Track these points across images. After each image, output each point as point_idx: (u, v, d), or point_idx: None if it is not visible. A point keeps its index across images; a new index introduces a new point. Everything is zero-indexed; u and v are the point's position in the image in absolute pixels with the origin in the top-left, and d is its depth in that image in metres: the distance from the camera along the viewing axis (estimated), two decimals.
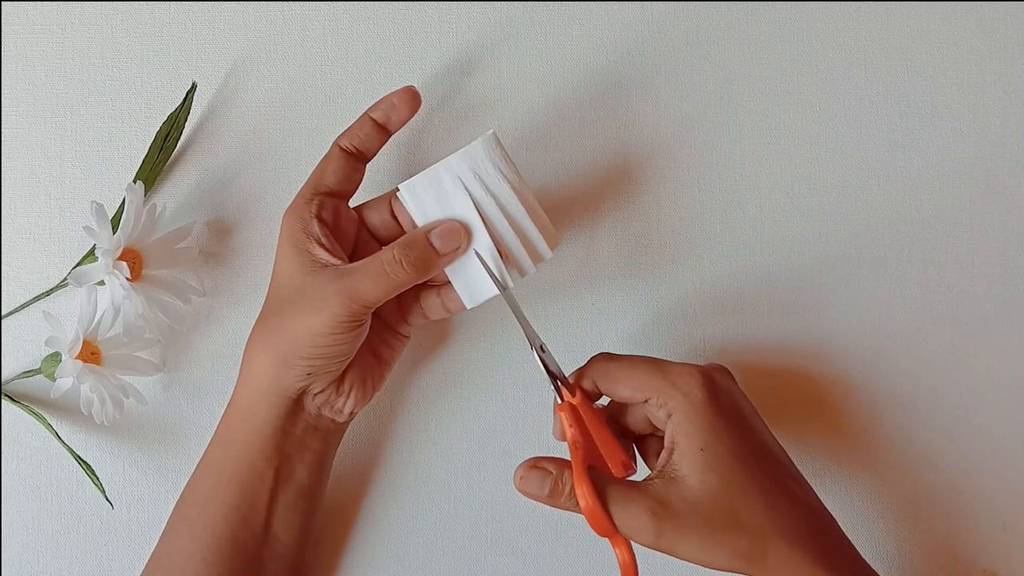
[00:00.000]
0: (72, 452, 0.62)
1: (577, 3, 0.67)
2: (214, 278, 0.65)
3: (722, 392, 0.56)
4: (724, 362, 0.60)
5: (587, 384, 0.58)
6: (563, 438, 0.57)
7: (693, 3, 0.67)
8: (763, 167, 0.67)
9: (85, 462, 0.62)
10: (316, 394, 0.58)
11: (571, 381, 0.58)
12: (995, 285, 0.67)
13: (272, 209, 0.65)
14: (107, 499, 0.63)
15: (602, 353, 0.59)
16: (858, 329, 0.66)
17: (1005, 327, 0.66)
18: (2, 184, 0.65)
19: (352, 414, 0.60)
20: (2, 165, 0.65)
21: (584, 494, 0.54)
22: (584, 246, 0.66)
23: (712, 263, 0.66)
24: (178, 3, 0.66)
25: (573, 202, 0.66)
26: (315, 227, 0.58)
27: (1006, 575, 0.66)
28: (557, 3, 0.67)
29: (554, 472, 0.55)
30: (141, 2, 0.66)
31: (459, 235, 0.57)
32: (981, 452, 0.66)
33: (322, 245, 0.58)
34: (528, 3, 0.66)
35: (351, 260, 0.58)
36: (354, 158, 0.60)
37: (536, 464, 0.56)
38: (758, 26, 0.67)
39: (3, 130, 0.65)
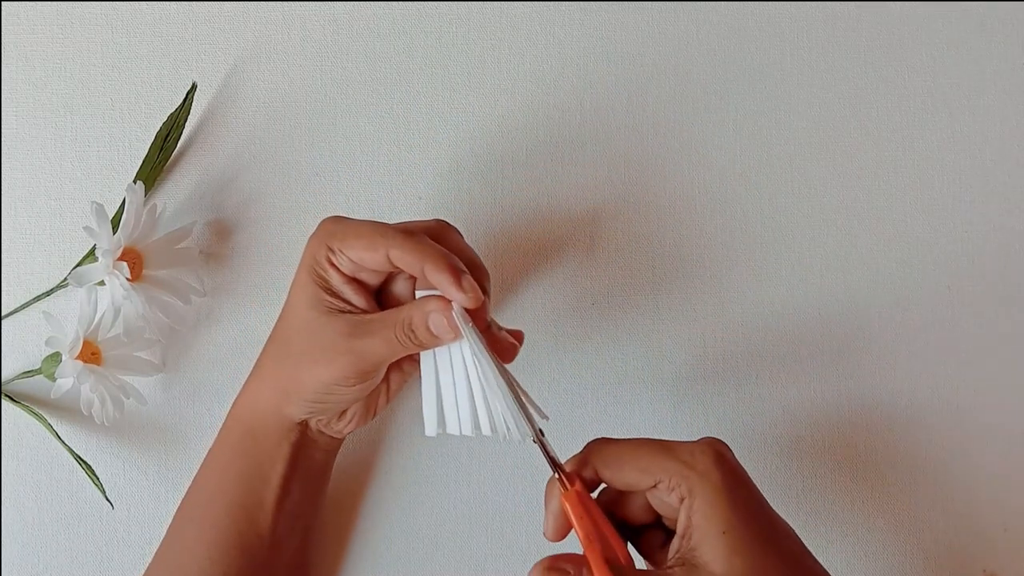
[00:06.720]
0: (72, 452, 0.62)
1: (577, 3, 0.67)
2: (214, 278, 0.65)
3: (735, 469, 0.53)
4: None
5: (587, 472, 0.54)
6: (558, 536, 0.54)
7: (693, 3, 0.67)
8: (762, 167, 0.67)
9: (85, 462, 0.62)
10: (319, 418, 0.58)
11: (569, 469, 0.54)
12: (995, 285, 0.67)
13: (272, 209, 0.65)
14: (107, 499, 0.63)
15: (598, 439, 0.55)
16: (856, 328, 0.66)
17: (1005, 327, 0.66)
18: (2, 184, 0.65)
19: (355, 429, 0.60)
20: (2, 165, 0.65)
21: None
22: (584, 248, 0.66)
23: (712, 262, 0.66)
24: (178, 3, 0.66)
25: (572, 203, 0.66)
26: (331, 274, 0.56)
27: None
28: (557, 3, 0.66)
29: (572, 572, 0.52)
30: (141, 2, 0.66)
31: (450, 324, 0.54)
32: (982, 452, 0.66)
33: (335, 292, 0.56)
34: (528, 3, 0.66)
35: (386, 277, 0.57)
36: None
37: (553, 566, 0.52)
38: (758, 26, 0.67)
39: (3, 130, 0.65)
